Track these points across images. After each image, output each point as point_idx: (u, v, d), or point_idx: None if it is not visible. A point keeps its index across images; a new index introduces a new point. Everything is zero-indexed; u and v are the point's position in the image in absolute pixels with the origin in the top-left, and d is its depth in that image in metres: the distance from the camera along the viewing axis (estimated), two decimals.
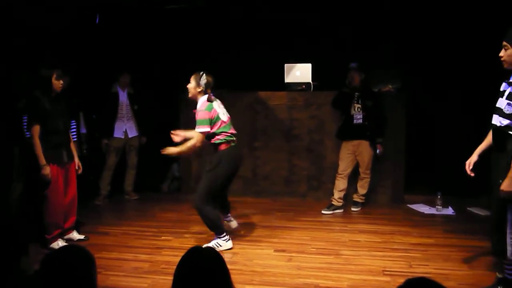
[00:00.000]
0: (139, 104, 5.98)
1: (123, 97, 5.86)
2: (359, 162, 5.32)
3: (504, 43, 2.90)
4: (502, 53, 2.92)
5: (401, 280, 1.60)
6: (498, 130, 2.98)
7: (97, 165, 5.82)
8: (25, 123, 4.37)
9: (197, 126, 3.93)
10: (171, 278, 1.68)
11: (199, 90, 4.02)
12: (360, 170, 5.34)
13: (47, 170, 3.90)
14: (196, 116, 3.97)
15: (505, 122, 2.93)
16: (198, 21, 6.40)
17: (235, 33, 6.43)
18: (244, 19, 6.30)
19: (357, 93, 5.19)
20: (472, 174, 3.22)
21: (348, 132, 5.26)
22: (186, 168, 6.26)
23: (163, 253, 3.98)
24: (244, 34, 6.42)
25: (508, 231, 2.94)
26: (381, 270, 3.57)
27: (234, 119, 5.91)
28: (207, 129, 3.93)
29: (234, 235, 4.47)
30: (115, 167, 5.90)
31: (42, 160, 3.89)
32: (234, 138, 4.12)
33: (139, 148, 6.02)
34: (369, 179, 5.35)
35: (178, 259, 1.72)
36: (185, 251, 1.75)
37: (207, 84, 4.03)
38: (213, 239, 3.97)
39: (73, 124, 4.92)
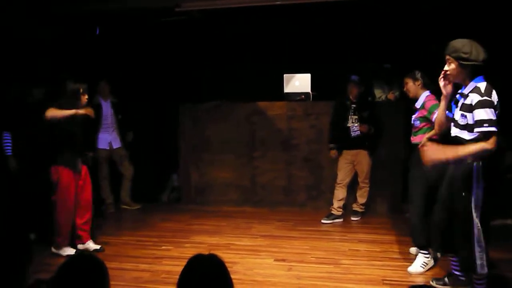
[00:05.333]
0: (128, 113, 5.96)
1: (106, 107, 5.79)
2: (357, 171, 5.35)
3: (447, 57, 2.91)
4: (446, 67, 2.94)
5: None
6: (455, 141, 2.95)
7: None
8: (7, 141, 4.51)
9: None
10: (171, 287, 1.69)
11: (418, 83, 3.93)
12: (359, 179, 5.37)
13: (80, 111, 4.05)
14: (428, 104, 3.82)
15: (461, 133, 2.92)
16: (197, 33, 6.46)
17: (234, 44, 6.50)
18: (243, 30, 6.36)
19: (353, 105, 5.24)
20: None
21: (346, 142, 5.29)
22: (186, 178, 6.28)
23: (163, 263, 3.99)
24: (243, 44, 6.49)
25: (475, 245, 2.90)
26: (381, 279, 3.57)
27: (233, 129, 6.04)
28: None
29: (233, 244, 4.49)
30: (110, 176, 5.90)
31: (68, 112, 4.01)
32: None
33: (129, 156, 6.00)
34: (368, 188, 5.37)
35: (178, 268, 1.73)
36: (185, 260, 1.76)
37: (423, 76, 3.95)
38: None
39: None
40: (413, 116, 3.94)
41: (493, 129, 2.75)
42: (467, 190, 2.88)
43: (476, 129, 2.79)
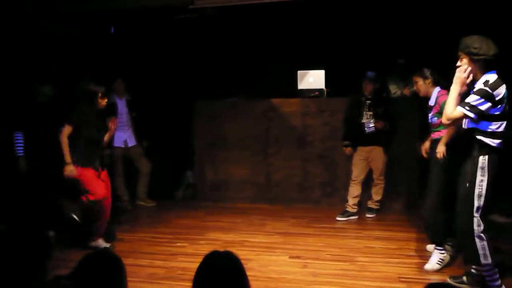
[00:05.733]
0: (143, 111, 5.98)
1: (122, 105, 5.84)
2: (372, 168, 5.31)
3: (459, 53, 3.02)
4: (458, 63, 3.03)
5: (418, 287, 1.60)
6: (469, 133, 3.08)
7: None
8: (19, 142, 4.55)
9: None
10: (186, 284, 1.71)
11: (429, 82, 3.86)
12: (374, 176, 5.33)
13: (70, 168, 4.07)
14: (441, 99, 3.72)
15: (470, 125, 3.05)
16: (211, 30, 6.47)
17: (247, 40, 6.49)
18: (256, 27, 6.35)
19: (368, 101, 5.19)
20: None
21: (360, 139, 5.25)
22: (201, 175, 6.30)
23: (178, 259, 4.01)
24: (256, 41, 6.47)
25: (475, 235, 3.04)
26: (397, 277, 3.54)
27: (248, 126, 6.04)
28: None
29: (248, 241, 4.49)
30: (126, 174, 5.95)
31: (68, 158, 4.07)
32: None
33: (145, 153, 6.04)
34: (383, 185, 5.33)
35: (193, 265, 1.74)
36: (200, 257, 1.77)
37: (432, 73, 3.88)
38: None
39: None
40: (429, 114, 3.89)
41: (469, 113, 2.90)
42: (472, 181, 3.01)
43: (458, 106, 2.94)
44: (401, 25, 5.95)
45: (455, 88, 3.01)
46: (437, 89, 3.83)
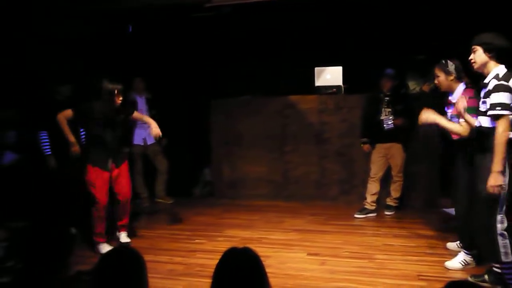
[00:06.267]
0: (161, 109, 6.01)
1: (141, 103, 5.90)
2: (391, 165, 5.26)
3: (473, 46, 3.11)
4: (471, 56, 3.13)
5: (438, 286, 1.59)
6: (480, 132, 3.12)
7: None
8: (44, 140, 4.64)
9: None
10: (205, 280, 1.72)
11: (451, 78, 3.60)
12: (393, 173, 5.28)
13: (75, 147, 4.19)
14: (466, 103, 3.42)
15: (483, 120, 3.09)
16: (228, 28, 6.47)
17: (264, 38, 6.47)
18: (273, 24, 6.33)
19: (387, 98, 5.14)
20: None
21: (379, 136, 5.20)
22: (217, 173, 6.33)
23: (197, 256, 4.04)
24: (274, 38, 6.45)
25: (498, 233, 3.00)
26: (417, 275, 3.50)
27: (265, 124, 6.04)
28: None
29: (266, 238, 4.50)
30: (145, 171, 6.01)
31: (71, 138, 4.20)
32: None
33: (163, 151, 6.09)
34: (402, 182, 5.28)
35: (212, 262, 1.75)
36: (218, 254, 1.78)
37: (457, 68, 3.60)
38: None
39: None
40: (449, 112, 3.67)
41: (505, 112, 2.89)
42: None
43: (489, 112, 2.96)
44: (421, 20, 5.86)
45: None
46: (462, 86, 3.60)
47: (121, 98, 4.19)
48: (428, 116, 3.54)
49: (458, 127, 3.47)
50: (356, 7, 5.88)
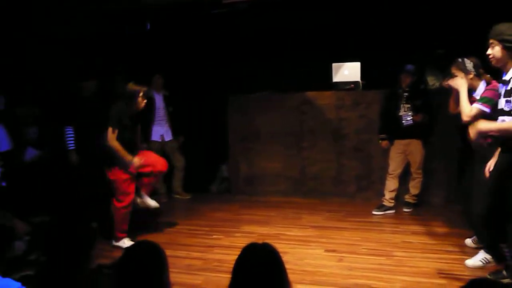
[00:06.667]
0: (178, 106, 6.05)
1: (159, 100, 5.94)
2: (410, 161, 5.20)
3: (491, 40, 2.93)
4: (489, 51, 2.97)
5: (458, 284, 1.57)
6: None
7: None
8: (70, 136, 4.68)
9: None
10: (223, 275, 1.74)
11: (471, 76, 3.52)
12: (412, 169, 5.22)
13: (136, 163, 4.15)
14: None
15: (508, 119, 2.90)
16: (245, 24, 6.47)
17: (281, 34, 6.45)
18: (290, 20, 6.30)
19: (405, 93, 5.08)
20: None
21: (397, 132, 5.15)
22: (235, 169, 6.35)
23: (214, 251, 4.07)
24: (291, 34, 6.43)
25: None
26: (436, 272, 3.47)
27: (282, 120, 6.03)
28: (486, 108, 3.25)
29: (283, 235, 4.50)
30: None
31: (128, 157, 4.12)
32: None
33: (180, 148, 6.12)
34: (421, 179, 5.22)
35: (229, 257, 1.77)
36: (236, 249, 1.79)
37: (476, 66, 3.52)
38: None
39: None
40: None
41: None
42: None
43: None
44: (440, 14, 5.77)
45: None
46: (484, 83, 3.50)
47: (145, 102, 4.24)
48: (456, 81, 3.45)
49: (467, 109, 3.31)
50: (375, 2, 5.82)
